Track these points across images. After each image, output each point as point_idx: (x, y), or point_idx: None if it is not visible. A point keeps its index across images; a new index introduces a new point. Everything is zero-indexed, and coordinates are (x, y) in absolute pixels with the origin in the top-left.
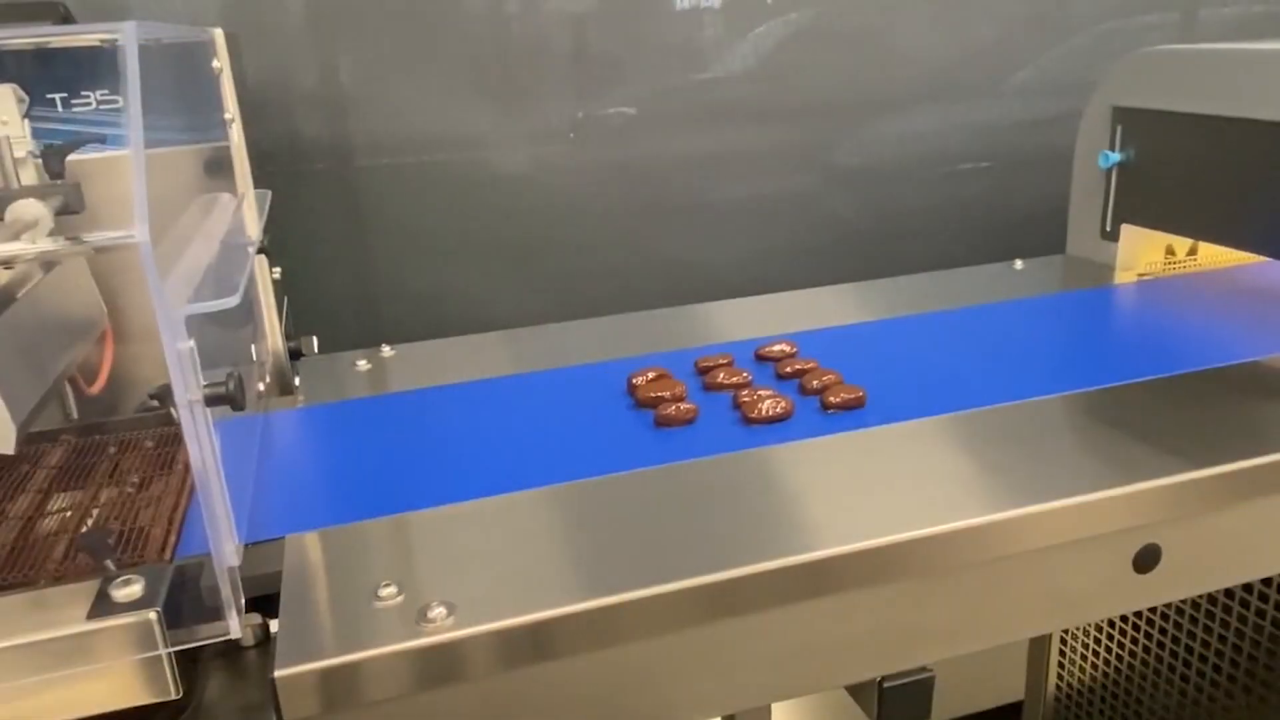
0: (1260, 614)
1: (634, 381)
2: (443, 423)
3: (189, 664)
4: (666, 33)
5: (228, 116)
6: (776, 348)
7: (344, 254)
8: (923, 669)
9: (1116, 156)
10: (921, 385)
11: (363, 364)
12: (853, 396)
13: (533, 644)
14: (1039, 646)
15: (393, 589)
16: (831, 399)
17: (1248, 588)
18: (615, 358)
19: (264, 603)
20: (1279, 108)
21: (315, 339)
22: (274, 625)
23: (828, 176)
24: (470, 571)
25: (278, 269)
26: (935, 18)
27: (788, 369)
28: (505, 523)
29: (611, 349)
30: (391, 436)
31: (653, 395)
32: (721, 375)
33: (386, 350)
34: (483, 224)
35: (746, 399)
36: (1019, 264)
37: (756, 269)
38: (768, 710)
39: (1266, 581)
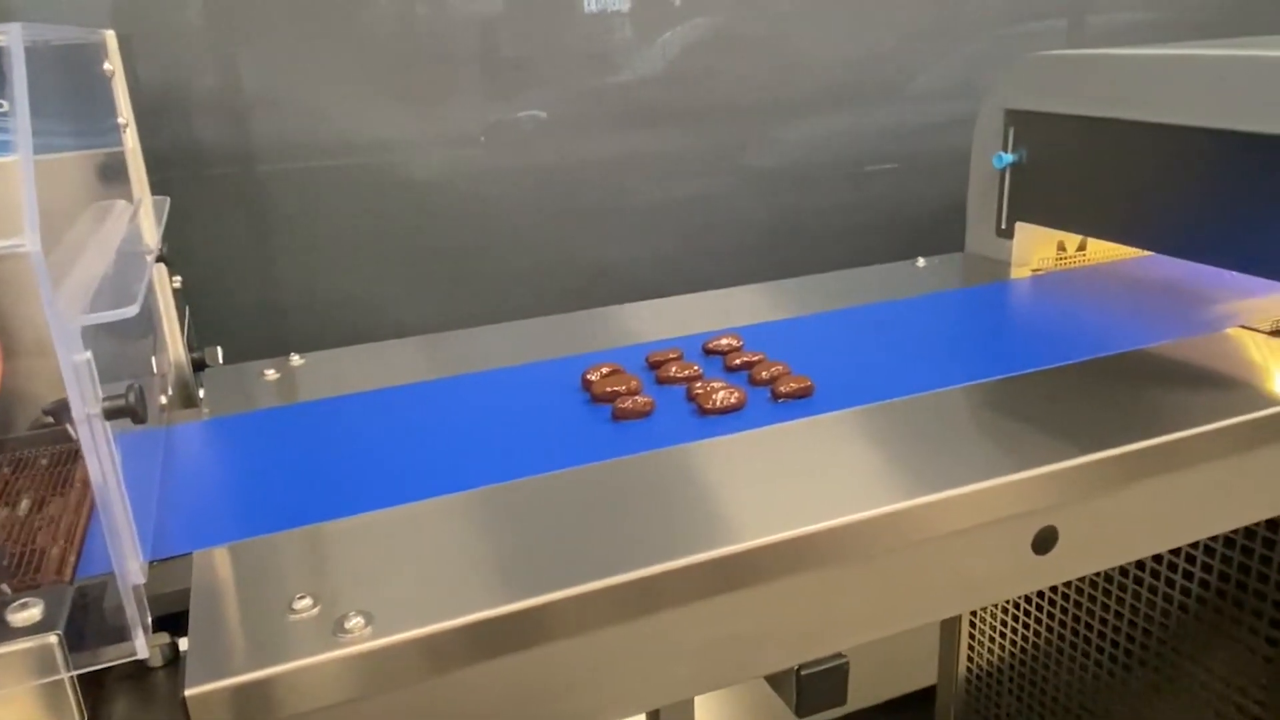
0: (1153, 590)
1: (588, 377)
2: (361, 430)
3: (94, 688)
4: (577, 36)
5: (121, 121)
6: (724, 341)
7: (250, 262)
8: (838, 655)
9: (1009, 158)
10: (857, 375)
11: (271, 373)
12: (801, 386)
13: (453, 650)
14: (949, 631)
15: (308, 601)
16: (782, 389)
17: (1140, 565)
18: (542, 359)
19: (172, 621)
20: (1159, 110)
21: (220, 350)
22: (183, 644)
23: (740, 178)
24: (390, 579)
25: (178, 278)
26: (839, 24)
27: (737, 361)
28: (427, 528)
29: (536, 351)
30: (304, 446)
31: (609, 390)
32: (674, 369)
33: (296, 359)
34: (395, 229)
35: (700, 391)
36: (921, 262)
37: (672, 270)
38: (691, 704)
39: (1158, 559)
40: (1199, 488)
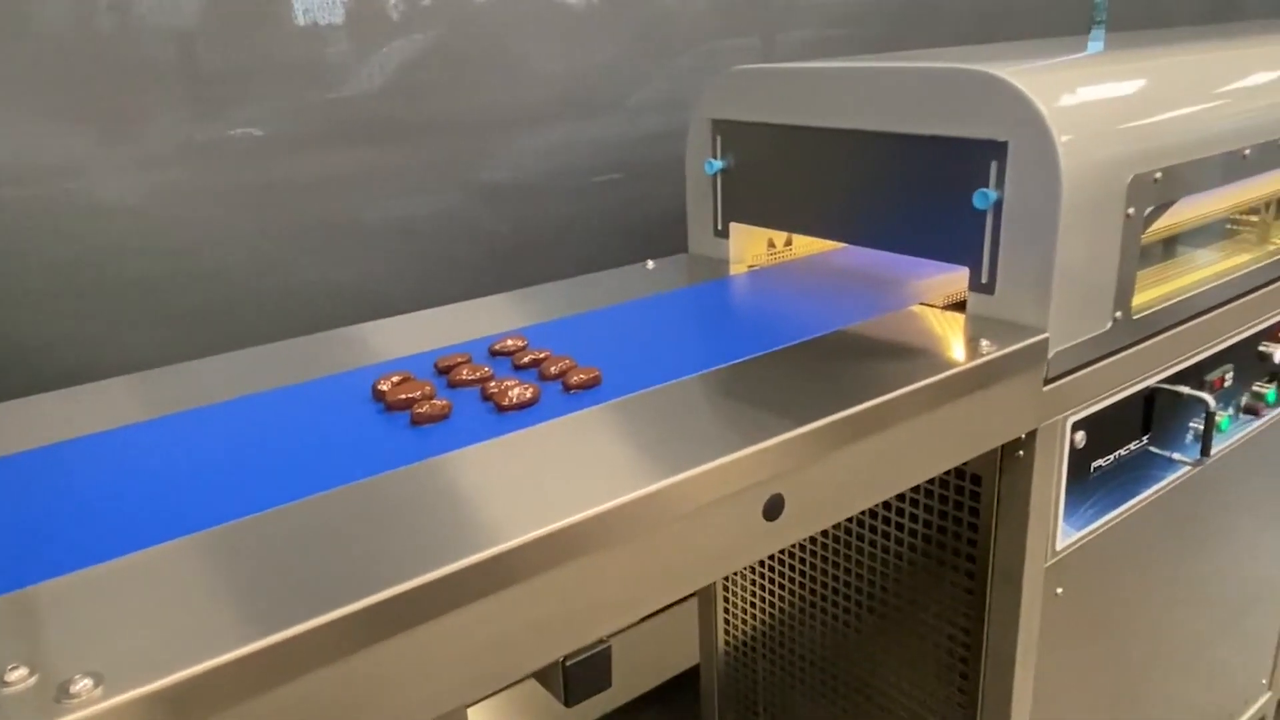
0: (873, 544)
1: (380, 387)
2: (79, 481)
3: None
4: (288, 50)
5: None
6: (509, 342)
7: None
8: (600, 641)
9: (719, 164)
10: (632, 364)
11: None
12: (590, 377)
13: (197, 698)
14: (706, 610)
15: (22, 670)
16: (572, 380)
17: (861, 523)
18: (311, 379)
19: None
20: (836, 116)
21: None
22: None
23: (470, 192)
24: (120, 634)
25: None
26: (558, 38)
27: (525, 359)
28: (166, 573)
29: (299, 372)
30: None
31: (404, 397)
32: (465, 372)
33: None
34: (90, 261)
35: (495, 390)
36: (650, 264)
37: (409, 287)
38: (463, 714)
39: (874, 514)
40: (899, 445)
